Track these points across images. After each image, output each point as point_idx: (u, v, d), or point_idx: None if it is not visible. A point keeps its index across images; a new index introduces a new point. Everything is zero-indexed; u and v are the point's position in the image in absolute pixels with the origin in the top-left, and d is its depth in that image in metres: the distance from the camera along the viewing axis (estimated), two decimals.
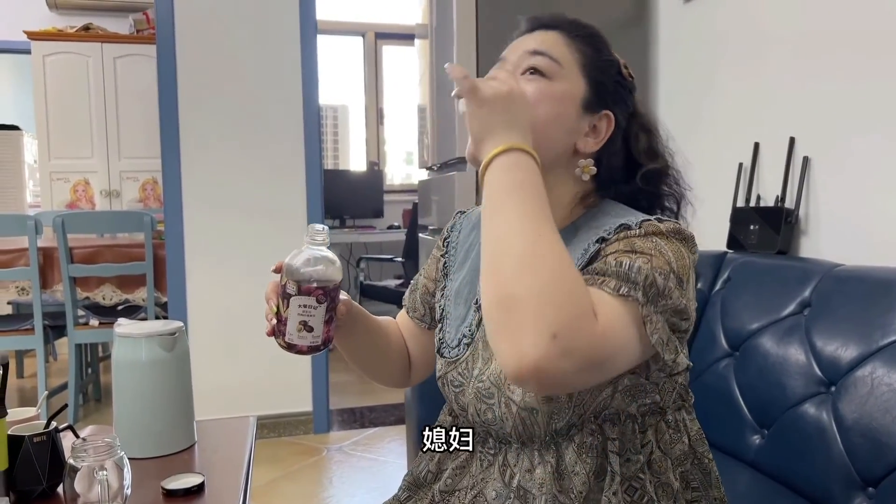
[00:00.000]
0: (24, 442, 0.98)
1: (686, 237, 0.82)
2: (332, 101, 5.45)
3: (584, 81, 0.90)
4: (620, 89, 0.93)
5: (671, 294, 0.75)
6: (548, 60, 0.88)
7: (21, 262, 3.12)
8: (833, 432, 1.20)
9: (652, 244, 0.78)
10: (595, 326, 0.69)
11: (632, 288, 0.73)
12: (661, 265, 0.76)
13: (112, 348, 1.18)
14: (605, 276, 0.75)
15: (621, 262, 0.75)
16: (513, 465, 0.89)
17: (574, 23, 0.93)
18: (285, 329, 0.86)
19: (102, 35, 4.85)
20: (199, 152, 2.96)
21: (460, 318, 0.99)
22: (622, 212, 0.87)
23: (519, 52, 0.91)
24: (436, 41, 2.66)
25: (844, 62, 1.63)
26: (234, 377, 3.00)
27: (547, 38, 0.91)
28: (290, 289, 0.85)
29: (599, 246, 0.81)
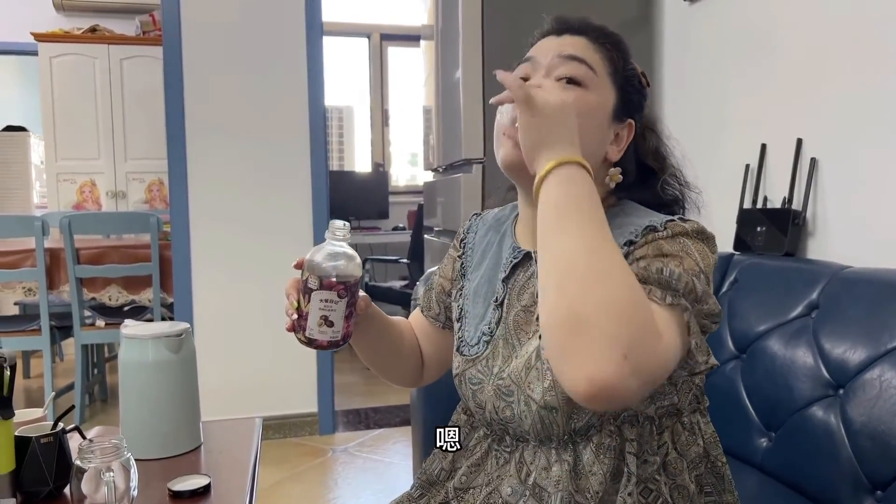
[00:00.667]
0: (32, 443, 0.98)
1: (708, 237, 0.83)
2: (337, 103, 5.45)
3: (613, 90, 0.90)
4: (641, 98, 0.94)
5: (707, 299, 0.77)
6: (585, 69, 0.88)
7: (28, 263, 3.13)
8: (841, 435, 1.20)
9: (679, 246, 0.79)
10: (659, 343, 0.69)
11: (676, 296, 0.75)
12: (692, 267, 0.77)
13: (118, 349, 1.18)
14: (648, 285, 0.76)
15: (661, 269, 0.76)
16: (529, 462, 0.89)
17: (601, 29, 0.93)
18: (306, 324, 0.88)
19: (109, 36, 4.87)
20: (205, 153, 2.96)
21: (479, 317, 0.99)
22: (643, 213, 0.88)
23: (551, 55, 0.89)
24: (441, 42, 2.65)
25: (853, 63, 1.62)
26: (240, 378, 3.00)
27: (578, 43, 0.90)
28: (312, 283, 0.86)
29: (628, 249, 0.81)
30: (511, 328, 0.93)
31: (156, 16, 4.84)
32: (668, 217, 0.84)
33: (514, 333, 0.93)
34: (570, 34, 0.91)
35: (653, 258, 0.78)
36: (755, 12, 1.94)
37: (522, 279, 0.95)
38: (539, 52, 0.91)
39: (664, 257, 0.78)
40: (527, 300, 0.93)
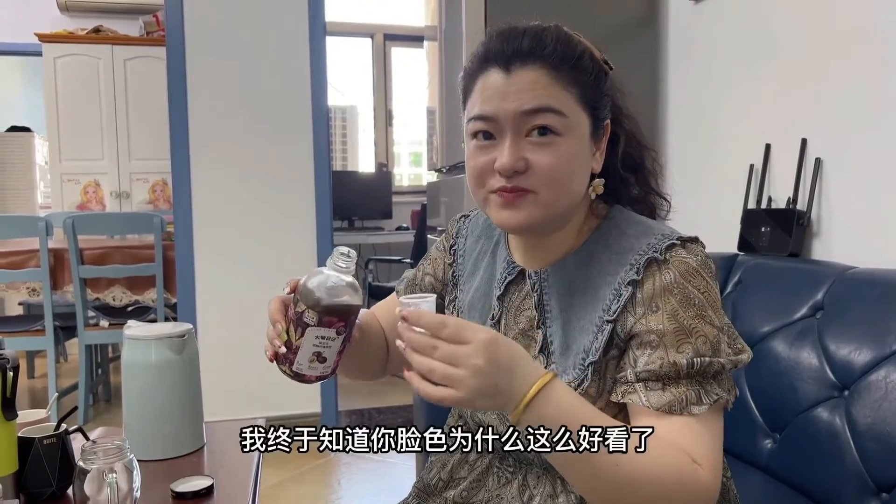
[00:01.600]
0: (35, 444, 0.98)
1: (711, 266, 0.83)
2: (340, 103, 5.45)
3: (585, 115, 0.83)
4: (607, 93, 0.87)
5: (735, 356, 0.81)
6: (554, 116, 0.80)
7: (32, 264, 3.14)
8: (846, 437, 1.19)
9: (693, 309, 0.79)
10: (704, 480, 0.75)
11: (710, 391, 0.78)
12: (711, 333, 0.79)
13: (122, 350, 1.18)
14: (678, 383, 0.77)
15: (692, 363, 0.77)
16: (532, 486, 0.88)
17: (555, 43, 0.82)
18: (294, 358, 0.81)
19: (113, 37, 4.88)
20: (209, 153, 2.97)
21: None
22: (635, 223, 0.86)
23: (512, 113, 0.80)
24: (445, 43, 2.65)
25: (857, 63, 1.61)
26: (243, 378, 3.00)
27: (535, 81, 0.80)
28: (310, 319, 0.79)
29: (633, 289, 0.80)
30: None
31: (159, 16, 4.84)
32: (665, 238, 0.82)
33: None
34: (522, 65, 0.80)
35: (673, 335, 0.78)
36: (760, 12, 1.93)
37: (517, 299, 0.93)
38: (494, 106, 0.81)
39: (687, 336, 0.78)
40: (524, 323, 0.91)
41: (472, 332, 0.70)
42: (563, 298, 0.87)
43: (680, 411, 0.77)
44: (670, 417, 0.77)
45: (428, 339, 0.70)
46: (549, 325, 0.88)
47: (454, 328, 0.70)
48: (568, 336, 0.85)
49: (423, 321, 0.71)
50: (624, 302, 0.80)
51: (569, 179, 0.82)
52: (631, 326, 0.80)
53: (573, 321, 0.85)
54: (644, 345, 0.79)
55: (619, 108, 0.91)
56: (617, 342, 0.82)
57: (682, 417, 0.76)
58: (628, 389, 0.80)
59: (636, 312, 0.80)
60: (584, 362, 0.83)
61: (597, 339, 0.82)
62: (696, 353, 0.78)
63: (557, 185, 0.81)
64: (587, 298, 0.85)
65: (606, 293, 0.82)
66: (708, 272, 0.81)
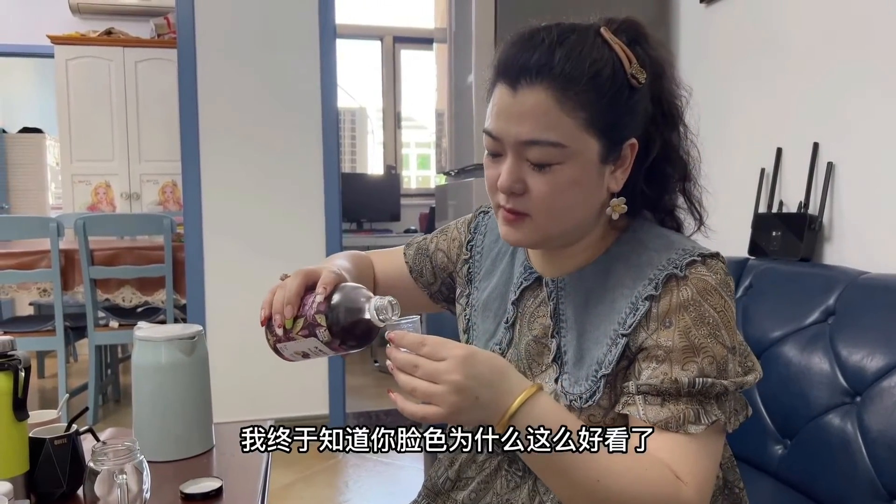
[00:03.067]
0: (46, 445, 0.99)
1: (730, 284, 0.82)
2: (350, 105, 5.46)
3: (593, 139, 0.79)
4: (634, 109, 0.82)
5: (743, 377, 0.80)
6: (551, 150, 0.78)
7: (43, 264, 3.16)
8: (858, 444, 1.18)
9: (707, 328, 0.78)
10: (687, 498, 0.74)
11: (709, 410, 0.77)
12: (719, 353, 0.78)
13: (132, 350, 1.19)
14: (678, 400, 0.77)
15: (693, 382, 0.77)
16: (542, 492, 0.88)
17: (568, 59, 0.77)
18: (284, 342, 0.82)
19: (124, 39, 4.91)
20: (218, 155, 2.98)
21: (489, 333, 0.98)
22: (657, 241, 0.85)
23: (510, 136, 0.79)
24: (454, 46, 2.65)
25: (869, 66, 1.60)
26: (252, 379, 3.01)
27: (537, 104, 0.77)
28: (321, 334, 0.79)
29: (649, 304, 0.80)
30: (523, 356, 0.92)
31: (170, 18, 4.87)
32: (687, 254, 0.81)
33: (527, 363, 0.91)
34: (529, 84, 0.77)
35: (680, 352, 0.78)
36: (771, 15, 1.93)
37: (532, 305, 0.93)
38: (499, 127, 0.80)
39: (694, 355, 0.77)
40: (538, 331, 0.91)
41: (448, 349, 0.71)
42: (579, 309, 0.87)
43: (676, 428, 0.76)
44: (665, 433, 0.77)
45: (410, 357, 0.72)
46: (563, 335, 0.88)
47: (431, 346, 0.72)
48: (582, 347, 0.85)
49: (404, 341, 0.73)
50: (640, 317, 0.80)
51: (567, 206, 0.81)
52: (642, 341, 0.80)
53: (588, 332, 0.85)
54: (650, 358, 0.79)
55: (657, 120, 0.85)
56: (628, 355, 0.82)
57: (677, 435, 0.76)
58: (628, 401, 0.80)
59: (649, 328, 0.80)
60: (596, 374, 0.82)
61: (610, 352, 0.82)
62: (700, 372, 0.77)
63: (553, 212, 0.81)
64: (603, 310, 0.84)
65: (623, 306, 0.82)
66: (726, 290, 0.80)
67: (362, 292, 0.81)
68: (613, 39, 0.81)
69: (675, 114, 0.87)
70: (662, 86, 0.86)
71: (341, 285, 0.82)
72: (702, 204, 0.92)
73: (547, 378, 0.88)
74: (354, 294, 0.80)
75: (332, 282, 0.81)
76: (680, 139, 0.88)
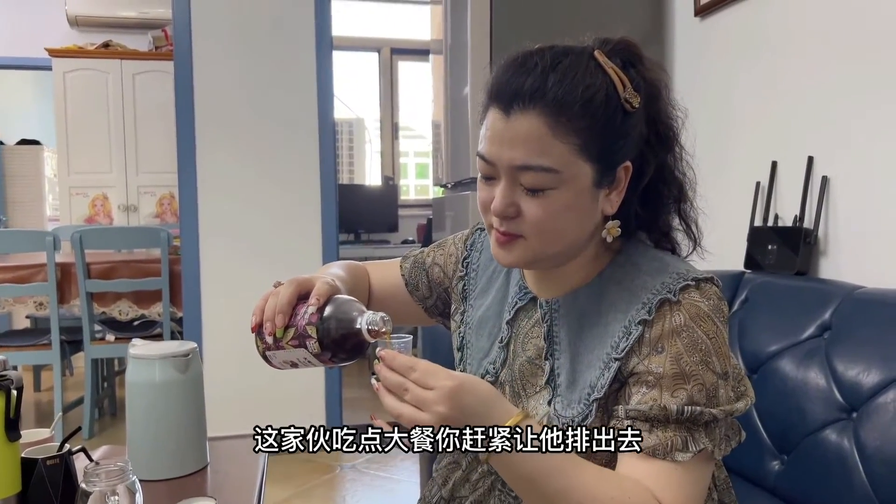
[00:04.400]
0: (38, 465, 0.98)
1: (723, 310, 0.81)
2: (347, 116, 5.47)
3: (587, 164, 0.79)
4: (628, 133, 0.81)
5: (732, 404, 0.80)
6: (544, 176, 0.77)
7: (39, 278, 3.15)
8: (855, 460, 1.18)
9: (698, 354, 0.78)
10: None
11: (698, 438, 0.77)
12: (709, 380, 0.78)
13: (126, 368, 1.18)
14: (666, 427, 0.76)
15: (681, 410, 0.76)
16: None
17: (559, 86, 0.77)
18: (274, 350, 0.82)
19: (122, 52, 4.92)
20: (215, 167, 2.98)
21: (483, 352, 0.97)
22: (651, 263, 0.84)
23: (503, 161, 0.79)
24: (450, 58, 2.66)
25: (864, 80, 1.61)
26: (249, 392, 3.00)
27: (530, 129, 0.77)
28: (311, 346, 0.79)
29: (642, 329, 0.80)
30: (517, 377, 0.92)
31: (168, 31, 4.88)
32: (681, 279, 0.80)
33: (521, 384, 0.91)
34: (521, 110, 0.77)
35: (671, 379, 0.77)
36: (765, 29, 1.93)
37: (526, 326, 0.93)
38: (492, 152, 0.80)
39: (684, 382, 0.77)
40: (532, 351, 0.91)
41: (437, 379, 0.71)
42: (572, 331, 0.86)
43: (663, 456, 0.76)
44: (653, 460, 0.76)
45: (401, 380, 0.72)
46: (557, 358, 0.87)
47: (421, 373, 0.72)
48: (575, 370, 0.85)
49: (395, 363, 0.73)
50: (633, 342, 0.80)
51: (561, 229, 0.81)
52: (634, 366, 0.80)
53: (581, 355, 0.85)
54: (640, 383, 0.79)
55: (651, 142, 0.84)
56: (620, 378, 0.82)
57: (664, 462, 0.76)
58: (617, 425, 0.79)
59: (641, 353, 0.79)
60: (589, 398, 0.82)
61: (603, 376, 0.81)
62: (689, 400, 0.77)
63: (546, 234, 0.81)
64: (597, 332, 0.84)
65: (616, 329, 0.82)
66: (719, 316, 0.80)
67: (355, 306, 0.80)
68: (607, 63, 0.81)
69: (670, 136, 0.87)
70: (657, 108, 0.86)
71: (334, 297, 0.81)
72: (698, 225, 0.92)
73: (540, 400, 0.88)
74: (347, 307, 0.80)
75: (325, 293, 0.81)
76: (675, 160, 0.88)
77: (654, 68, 0.86)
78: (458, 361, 1.01)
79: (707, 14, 2.18)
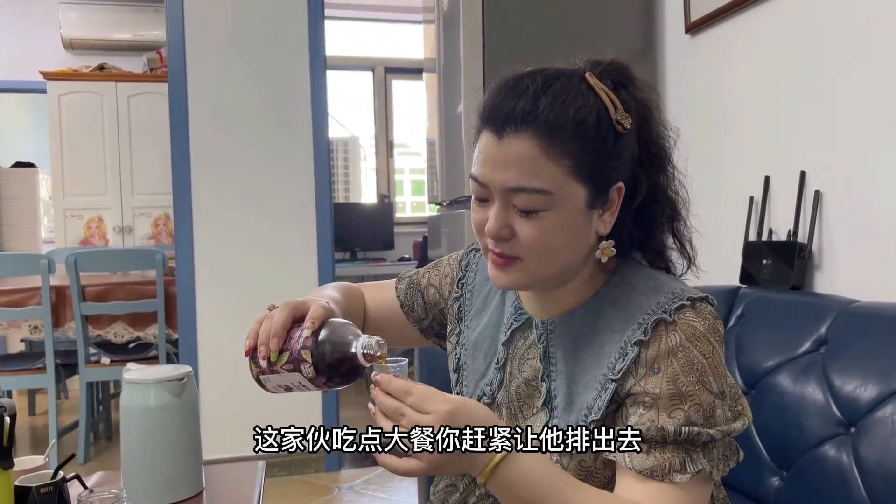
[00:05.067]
0: (31, 493, 0.97)
1: (719, 330, 0.81)
2: (342, 134, 5.49)
3: (580, 186, 0.79)
4: (620, 154, 0.82)
5: (729, 424, 0.79)
6: (537, 197, 0.78)
7: (34, 301, 3.14)
8: (854, 475, 1.17)
9: (695, 374, 0.77)
10: None
11: (696, 459, 0.76)
12: (706, 400, 0.77)
13: (121, 392, 1.18)
14: (664, 448, 0.76)
15: (679, 430, 0.76)
16: None
17: (550, 108, 0.77)
18: (268, 374, 0.81)
19: (116, 74, 4.94)
20: (210, 188, 2.98)
21: (479, 373, 0.97)
22: (646, 283, 0.84)
23: (496, 184, 0.79)
24: (443, 76, 2.68)
25: (856, 95, 1.62)
26: (245, 414, 2.96)
27: (523, 151, 0.77)
28: (305, 370, 0.78)
29: (638, 349, 0.79)
30: (514, 398, 0.91)
31: (163, 53, 4.90)
32: (676, 299, 0.80)
33: (518, 405, 0.91)
34: (514, 133, 0.77)
35: (667, 399, 0.77)
36: (755, 45, 1.95)
37: (523, 347, 0.92)
38: (485, 174, 0.80)
39: (681, 402, 0.77)
40: (528, 373, 0.90)
41: (433, 403, 0.71)
42: (568, 352, 0.86)
43: (661, 477, 0.75)
44: (651, 482, 0.76)
45: (397, 405, 0.72)
46: (553, 379, 0.87)
47: (417, 397, 0.72)
48: (572, 391, 0.85)
49: (391, 388, 0.72)
50: (629, 362, 0.79)
51: (556, 250, 0.81)
52: (630, 387, 0.80)
53: (578, 376, 0.84)
54: (637, 404, 0.79)
55: (644, 162, 0.85)
56: (617, 399, 0.81)
57: (662, 483, 0.75)
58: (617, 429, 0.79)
59: (637, 374, 0.79)
60: (586, 419, 0.82)
61: (600, 397, 0.81)
62: (686, 420, 0.76)
63: (542, 255, 0.81)
64: (593, 353, 0.84)
65: (612, 350, 0.81)
66: (715, 336, 0.80)
67: (350, 329, 0.80)
68: (598, 85, 0.81)
69: (662, 156, 0.87)
70: (649, 128, 0.86)
71: (329, 321, 0.81)
72: (692, 243, 0.92)
73: (538, 422, 0.87)
74: (342, 331, 0.79)
75: (320, 317, 0.80)
76: (668, 180, 0.88)
77: (645, 89, 0.86)
78: (454, 383, 1.01)
79: (697, 31, 2.20)
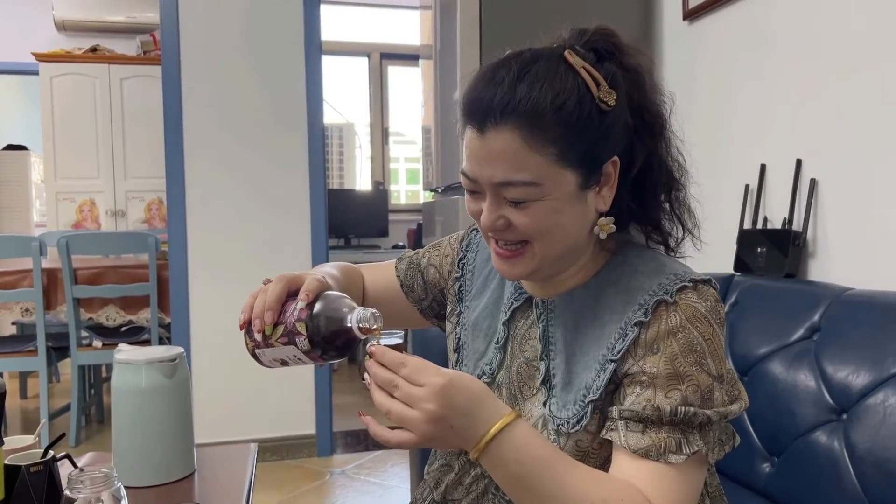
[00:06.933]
0: (21, 472, 0.96)
1: (720, 312, 0.81)
2: (337, 120, 5.47)
3: (569, 171, 0.78)
4: (609, 131, 0.79)
5: (727, 406, 0.78)
6: (524, 189, 0.77)
7: (25, 284, 3.12)
8: (845, 461, 1.18)
9: (694, 356, 0.77)
10: None
11: (692, 440, 0.76)
12: (704, 382, 0.77)
13: (112, 374, 1.17)
14: (660, 428, 0.76)
15: (675, 410, 0.75)
16: None
17: (528, 95, 0.76)
18: (263, 348, 0.81)
19: (109, 56, 4.89)
20: (204, 172, 2.96)
21: (479, 353, 0.96)
22: (647, 264, 0.84)
23: (484, 178, 0.79)
24: (439, 63, 2.66)
25: (851, 83, 1.62)
26: (237, 399, 2.98)
27: (505, 145, 0.76)
28: (300, 343, 0.77)
29: (638, 330, 0.79)
30: (514, 378, 0.91)
31: (156, 35, 4.86)
32: (678, 279, 0.80)
33: (518, 386, 0.90)
34: (495, 126, 0.76)
35: (665, 379, 0.77)
36: (754, 32, 1.94)
37: (523, 327, 0.92)
38: (473, 170, 0.80)
39: (678, 382, 0.76)
40: (529, 353, 0.90)
41: (427, 376, 0.71)
42: (568, 332, 0.86)
43: (657, 457, 0.75)
44: (646, 461, 0.75)
45: (391, 376, 0.72)
46: (552, 359, 0.87)
47: (411, 369, 0.71)
48: (571, 371, 0.84)
49: (385, 359, 0.72)
50: (629, 343, 0.79)
51: (557, 230, 0.80)
52: (629, 367, 0.79)
53: (577, 356, 0.84)
54: (635, 383, 0.78)
55: (639, 130, 0.83)
56: (615, 379, 0.81)
57: (657, 463, 0.75)
58: (611, 426, 0.79)
59: (636, 354, 0.79)
60: (584, 399, 0.81)
61: (599, 377, 0.81)
62: (683, 401, 0.76)
63: (544, 237, 0.80)
64: (593, 334, 0.83)
65: (612, 330, 0.81)
66: (716, 318, 0.79)
67: (345, 302, 0.79)
68: (578, 63, 0.79)
69: (657, 122, 0.85)
70: (642, 94, 0.84)
71: (324, 293, 0.80)
72: (692, 212, 0.90)
73: (536, 402, 0.87)
74: (337, 303, 0.78)
75: (314, 289, 0.79)
76: (666, 146, 0.87)
77: (633, 54, 0.84)
78: (454, 363, 1.00)
79: (695, 18, 2.19)
